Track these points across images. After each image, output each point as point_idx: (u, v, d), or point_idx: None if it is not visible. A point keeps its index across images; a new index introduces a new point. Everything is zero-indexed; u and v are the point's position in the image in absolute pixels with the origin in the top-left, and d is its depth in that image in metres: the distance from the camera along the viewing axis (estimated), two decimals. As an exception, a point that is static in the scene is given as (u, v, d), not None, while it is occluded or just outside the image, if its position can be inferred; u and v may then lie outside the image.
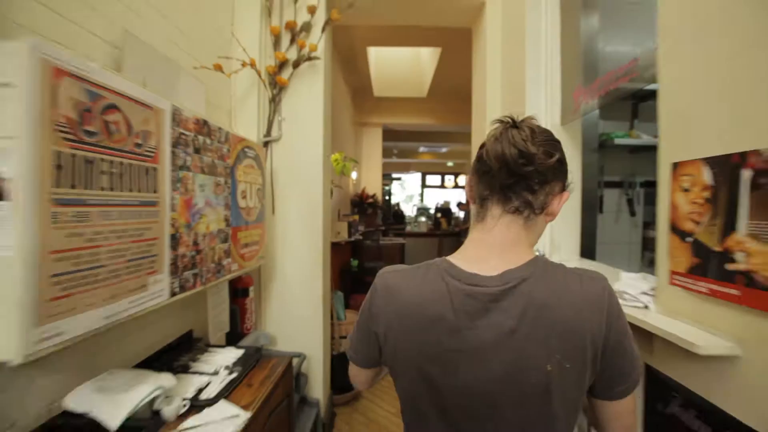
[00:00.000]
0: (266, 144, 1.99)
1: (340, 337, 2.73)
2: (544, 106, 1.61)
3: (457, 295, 0.56)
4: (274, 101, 1.98)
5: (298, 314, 2.03)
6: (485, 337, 0.54)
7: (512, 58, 1.87)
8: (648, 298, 0.85)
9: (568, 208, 1.61)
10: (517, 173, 0.57)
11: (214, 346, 1.48)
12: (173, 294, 1.00)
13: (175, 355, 1.32)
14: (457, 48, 3.60)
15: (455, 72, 4.20)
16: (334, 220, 3.76)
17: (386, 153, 8.21)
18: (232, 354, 1.39)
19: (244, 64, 1.75)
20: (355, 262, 4.13)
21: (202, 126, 1.15)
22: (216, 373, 1.24)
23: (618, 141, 1.83)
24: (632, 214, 2.09)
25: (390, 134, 6.90)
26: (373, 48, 4.39)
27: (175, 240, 1.00)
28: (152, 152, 0.91)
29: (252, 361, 1.36)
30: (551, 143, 0.59)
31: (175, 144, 1.01)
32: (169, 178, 0.97)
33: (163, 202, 0.95)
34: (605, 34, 1.49)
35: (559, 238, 1.60)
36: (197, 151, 1.12)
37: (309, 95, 2.01)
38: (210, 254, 1.21)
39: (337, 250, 3.53)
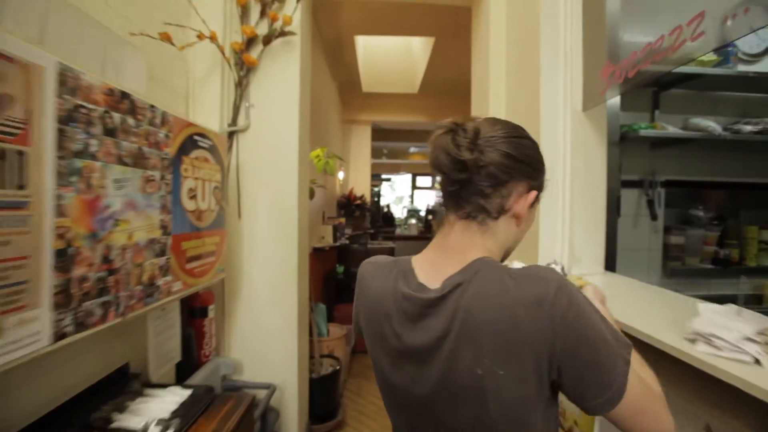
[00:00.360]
0: (231, 135, 1.68)
1: (321, 356, 2.42)
2: (563, 90, 1.34)
3: (399, 298, 0.58)
4: (241, 85, 1.67)
5: (268, 335, 1.73)
6: (420, 340, 0.55)
7: (522, 37, 1.60)
8: (755, 347, 0.58)
9: (590, 213, 1.35)
10: (456, 180, 0.56)
11: (155, 386, 1.17)
12: (61, 336, 0.69)
13: (98, 402, 1.01)
14: (451, 37, 3.33)
15: (449, 65, 3.93)
16: (317, 223, 3.46)
17: (376, 154, 7.94)
18: (174, 398, 1.08)
19: (200, 36, 1.44)
20: (340, 269, 3.82)
21: (120, 99, 0.84)
22: (145, 430, 0.94)
23: (644, 133, 1.58)
24: (653, 217, 1.84)
25: (379, 134, 6.62)
26: (362, 39, 4.11)
27: (64, 258, 0.69)
28: (17, 128, 0.60)
29: (199, 408, 1.06)
30: (506, 140, 0.56)
31: (67, 120, 0.70)
32: (52, 167, 0.67)
33: (40, 203, 0.64)
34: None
35: (580, 248, 1.33)
36: (110, 133, 0.81)
37: (283, 78, 1.71)
38: (135, 273, 0.90)
39: (320, 256, 3.23)
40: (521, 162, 0.56)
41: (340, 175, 5.01)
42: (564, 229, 1.34)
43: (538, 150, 0.61)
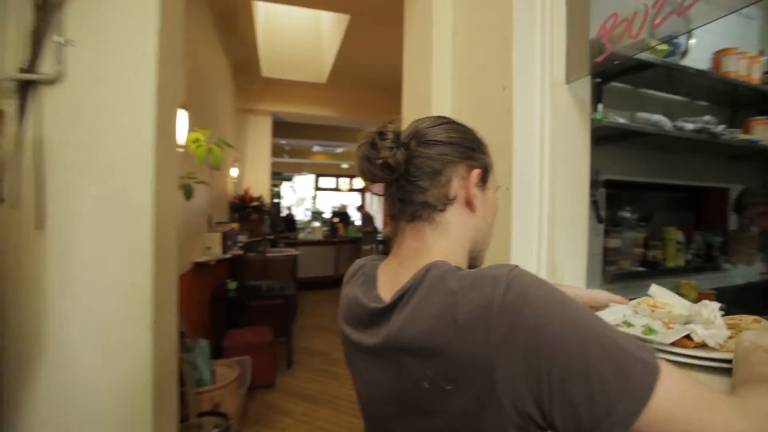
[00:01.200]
0: (26, 87, 0.99)
1: (201, 414, 1.76)
2: (540, 62, 1.01)
3: (353, 303, 0.57)
4: (46, 6, 0.99)
5: (98, 418, 1.06)
6: (367, 343, 0.53)
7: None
8: None
9: (572, 217, 1.04)
10: (390, 183, 0.55)
11: None
12: None
13: None
14: (369, 17, 2.93)
15: (365, 50, 3.53)
16: (200, 230, 2.71)
17: (277, 152, 7.20)
18: None
19: None
20: (233, 285, 3.10)
21: None
22: None
23: (606, 123, 1.35)
24: (599, 220, 1.68)
25: (281, 129, 5.93)
26: (262, 8, 3.47)
27: None
28: None
29: None
30: (430, 129, 0.54)
31: None
32: None
33: None
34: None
35: (561, 260, 1.01)
36: None
37: (128, 2, 1.07)
38: None
39: (204, 272, 2.51)
40: (451, 144, 0.53)
41: (234, 171, 4.24)
42: (542, 235, 1.01)
43: (470, 131, 0.56)
